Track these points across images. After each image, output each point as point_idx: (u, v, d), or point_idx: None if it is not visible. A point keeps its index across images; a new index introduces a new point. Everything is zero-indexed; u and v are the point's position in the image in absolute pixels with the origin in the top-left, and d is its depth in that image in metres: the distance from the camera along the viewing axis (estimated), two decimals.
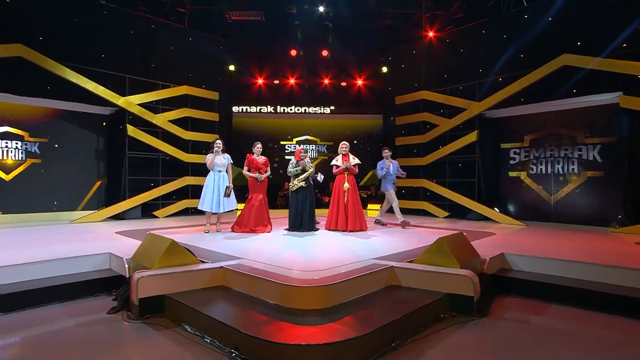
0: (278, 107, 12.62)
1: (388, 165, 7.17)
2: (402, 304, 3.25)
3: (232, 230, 6.35)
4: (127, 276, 3.85)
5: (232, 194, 6.17)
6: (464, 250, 4.14)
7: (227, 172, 6.21)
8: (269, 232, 6.32)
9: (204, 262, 3.96)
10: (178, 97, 9.48)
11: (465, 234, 4.51)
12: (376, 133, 12.96)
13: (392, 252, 4.56)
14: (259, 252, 4.67)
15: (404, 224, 7.04)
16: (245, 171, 6.48)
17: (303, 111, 12.70)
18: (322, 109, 12.77)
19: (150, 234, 4.24)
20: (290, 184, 6.49)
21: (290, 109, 12.73)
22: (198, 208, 6.20)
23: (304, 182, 6.38)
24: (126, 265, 3.96)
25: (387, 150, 7.29)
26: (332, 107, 12.74)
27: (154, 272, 3.44)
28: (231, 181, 6.22)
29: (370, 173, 12.68)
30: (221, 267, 3.73)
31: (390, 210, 7.53)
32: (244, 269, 3.61)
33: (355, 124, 13.03)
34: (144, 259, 3.82)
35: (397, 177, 7.41)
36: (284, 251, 4.78)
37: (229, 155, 6.34)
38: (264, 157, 6.56)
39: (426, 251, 3.99)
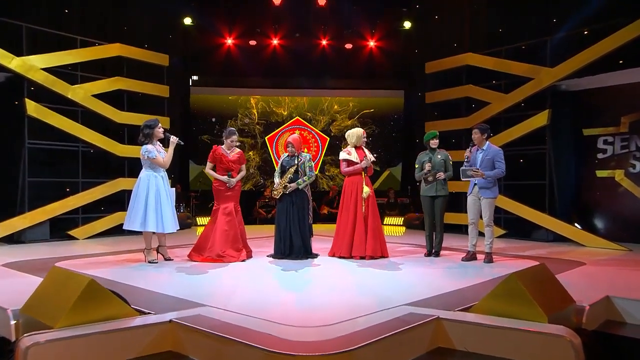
0: (255, 78, 12.61)
1: (468, 156, 6.41)
2: None
3: (190, 259, 6.34)
4: (13, 340, 3.62)
5: (174, 213, 6.23)
6: (550, 292, 3.91)
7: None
8: (244, 260, 6.30)
9: (143, 313, 3.83)
10: (107, 60, 9.40)
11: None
12: (395, 116, 12.83)
13: (434, 294, 4.48)
14: (230, 294, 4.67)
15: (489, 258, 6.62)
16: (208, 169, 6.48)
17: (290, 85, 12.72)
18: (318, 81, 12.78)
19: (57, 267, 4.10)
20: (273, 188, 6.52)
21: (273, 82, 12.73)
22: (124, 227, 6.16)
23: (283, 188, 6.32)
24: (12, 322, 3.73)
25: (477, 131, 6.50)
26: (332, 79, 12.74)
27: (58, 334, 3.21)
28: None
29: (386, 173, 12.67)
30: (170, 321, 3.59)
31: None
32: (207, 324, 3.48)
33: (365, 103, 13.06)
34: (43, 312, 3.60)
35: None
36: (270, 293, 4.75)
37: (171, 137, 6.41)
38: (238, 151, 6.57)
39: (491, 294, 3.78)
